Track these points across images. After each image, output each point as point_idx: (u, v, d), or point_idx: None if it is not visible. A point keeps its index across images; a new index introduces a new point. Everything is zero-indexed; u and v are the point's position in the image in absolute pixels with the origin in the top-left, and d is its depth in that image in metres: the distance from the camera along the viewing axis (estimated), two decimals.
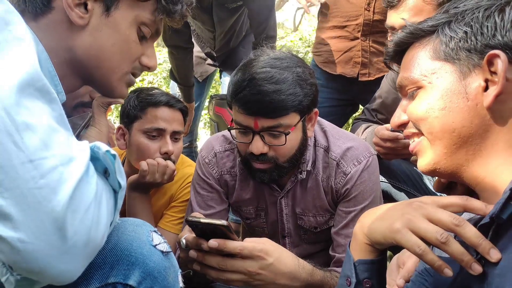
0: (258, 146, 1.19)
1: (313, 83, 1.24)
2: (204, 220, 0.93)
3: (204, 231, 0.95)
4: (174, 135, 1.54)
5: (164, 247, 0.78)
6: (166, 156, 1.49)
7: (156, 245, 0.76)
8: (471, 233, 0.64)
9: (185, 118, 1.60)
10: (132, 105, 1.52)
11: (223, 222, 0.91)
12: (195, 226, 0.95)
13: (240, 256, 0.96)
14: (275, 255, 1.00)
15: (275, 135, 1.19)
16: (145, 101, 1.50)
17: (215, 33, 2.47)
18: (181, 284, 0.80)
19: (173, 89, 2.81)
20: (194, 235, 0.99)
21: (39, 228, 0.57)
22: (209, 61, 2.68)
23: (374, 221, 0.75)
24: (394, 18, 1.45)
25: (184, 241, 0.99)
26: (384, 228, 0.72)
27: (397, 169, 1.60)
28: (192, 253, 0.97)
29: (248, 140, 1.22)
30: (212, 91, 4.07)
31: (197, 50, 2.66)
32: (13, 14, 0.64)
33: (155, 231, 0.79)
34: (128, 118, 1.53)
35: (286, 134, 1.19)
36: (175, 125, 1.52)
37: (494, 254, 0.63)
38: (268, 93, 1.13)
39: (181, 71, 2.52)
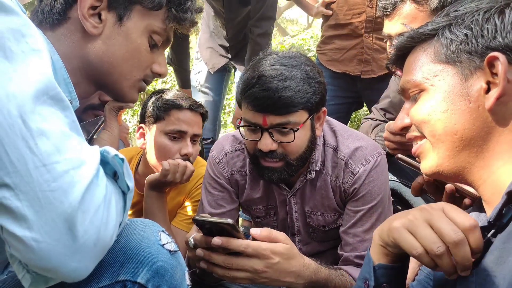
0: (266, 143, 1.21)
1: (322, 81, 1.25)
2: (210, 219, 0.95)
3: (211, 230, 0.97)
4: (193, 138, 1.60)
5: (172, 246, 0.80)
6: (186, 157, 1.55)
7: (164, 244, 0.79)
8: (464, 254, 0.63)
9: (203, 122, 1.66)
10: (155, 106, 1.57)
11: (228, 220, 0.93)
12: (202, 225, 0.97)
13: (245, 254, 0.98)
14: (282, 255, 1.01)
15: (283, 132, 1.21)
16: (169, 103, 1.56)
17: (224, 16, 2.49)
18: (188, 282, 0.83)
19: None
20: (201, 234, 1.02)
21: (52, 228, 0.61)
22: (222, 52, 2.69)
23: (386, 221, 0.75)
24: (390, 27, 1.45)
25: (192, 240, 1.01)
26: (386, 226, 0.72)
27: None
28: (199, 251, 1.00)
29: (256, 137, 1.23)
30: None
31: (211, 43, 2.70)
32: (30, 26, 0.67)
33: (163, 231, 0.82)
34: (150, 118, 1.59)
35: (295, 131, 1.20)
36: (195, 128, 1.59)
37: (465, 273, 0.64)
38: (277, 90, 1.15)
39: (176, 52, 2.59)
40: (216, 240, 0.95)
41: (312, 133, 1.27)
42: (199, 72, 2.80)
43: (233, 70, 2.84)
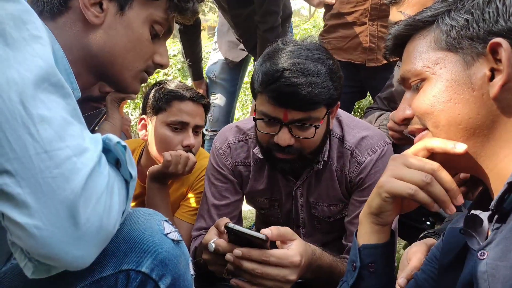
0: (285, 138, 1.18)
1: (341, 75, 1.23)
2: (245, 232, 0.95)
3: (239, 239, 0.97)
4: (196, 129, 1.58)
5: (175, 236, 0.79)
6: (188, 148, 1.54)
7: (167, 234, 0.78)
8: (447, 178, 0.71)
9: (206, 113, 1.64)
10: (157, 97, 1.56)
11: (262, 236, 0.93)
12: (232, 233, 0.97)
13: (273, 264, 0.97)
14: (304, 253, 1.02)
15: (303, 127, 1.18)
16: (170, 94, 1.55)
17: (229, 12, 2.49)
18: (192, 272, 0.82)
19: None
20: (223, 239, 1.01)
21: (53, 215, 0.60)
22: (242, 46, 2.68)
23: (366, 204, 0.81)
24: (398, 16, 1.42)
25: (213, 244, 1.00)
26: (376, 190, 0.77)
27: None
28: (229, 257, 0.98)
29: (273, 131, 1.20)
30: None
31: (229, 36, 2.69)
32: (30, 13, 0.67)
33: (166, 220, 0.81)
34: (152, 109, 1.58)
35: (316, 127, 1.18)
36: (197, 119, 1.57)
37: (459, 199, 0.72)
38: (303, 86, 1.11)
39: (187, 47, 2.64)
40: (237, 252, 0.96)
41: (327, 127, 1.26)
42: (215, 63, 2.79)
43: (252, 58, 2.82)
